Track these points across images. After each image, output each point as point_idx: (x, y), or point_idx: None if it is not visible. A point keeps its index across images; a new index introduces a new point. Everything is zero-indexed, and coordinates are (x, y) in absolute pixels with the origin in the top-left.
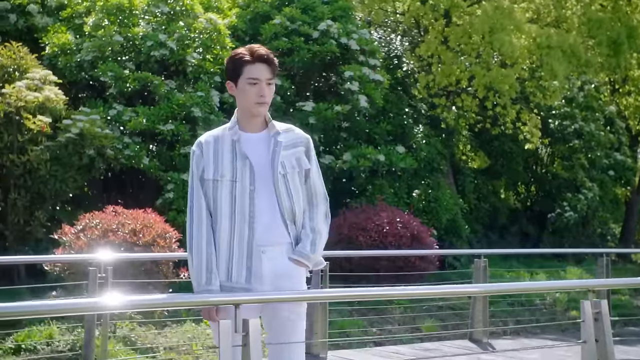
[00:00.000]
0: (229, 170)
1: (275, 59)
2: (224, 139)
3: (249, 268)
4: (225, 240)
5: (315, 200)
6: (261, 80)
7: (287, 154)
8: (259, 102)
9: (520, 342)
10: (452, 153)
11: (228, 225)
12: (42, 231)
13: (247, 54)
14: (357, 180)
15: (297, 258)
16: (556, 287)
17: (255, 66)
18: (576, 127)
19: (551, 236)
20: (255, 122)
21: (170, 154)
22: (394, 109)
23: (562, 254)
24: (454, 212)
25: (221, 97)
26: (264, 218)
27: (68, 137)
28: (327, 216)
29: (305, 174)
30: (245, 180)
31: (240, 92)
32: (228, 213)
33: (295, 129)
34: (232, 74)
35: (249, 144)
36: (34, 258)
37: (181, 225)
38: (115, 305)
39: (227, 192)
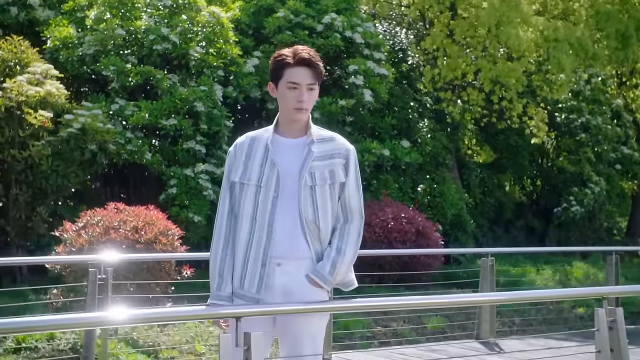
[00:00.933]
0: (256, 174)
1: (320, 63)
2: (259, 142)
3: (261, 277)
4: (243, 245)
5: (349, 216)
6: (301, 85)
7: (320, 164)
8: (298, 108)
9: (528, 343)
10: (457, 147)
11: (247, 230)
12: (44, 227)
13: (289, 55)
14: (361, 175)
15: (314, 277)
16: (569, 295)
17: (297, 70)
18: (583, 121)
19: (557, 230)
20: (295, 127)
21: (173, 149)
22: (399, 103)
23: (570, 253)
24: (459, 206)
25: (224, 92)
26: (284, 229)
27: (70, 132)
28: (359, 235)
29: (340, 188)
30: (271, 186)
31: (280, 95)
32: (249, 217)
33: (338, 138)
34: (273, 76)
35: (282, 149)
36: (33, 259)
37: (184, 221)
38: (120, 319)
39: (251, 196)
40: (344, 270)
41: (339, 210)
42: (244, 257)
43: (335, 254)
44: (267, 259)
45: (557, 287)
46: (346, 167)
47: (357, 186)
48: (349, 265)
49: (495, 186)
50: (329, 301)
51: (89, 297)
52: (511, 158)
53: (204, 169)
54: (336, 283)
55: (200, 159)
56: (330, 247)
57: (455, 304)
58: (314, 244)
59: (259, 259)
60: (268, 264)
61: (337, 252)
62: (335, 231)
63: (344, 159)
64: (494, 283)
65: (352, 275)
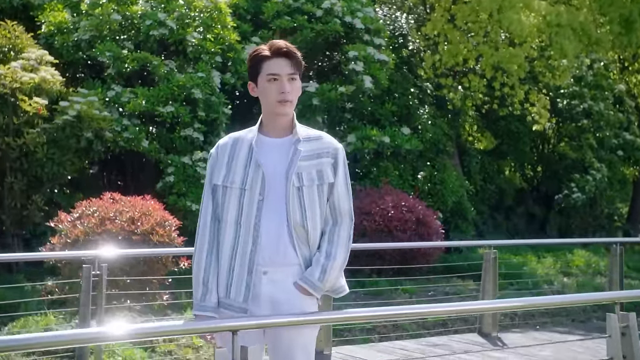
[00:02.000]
0: (240, 177)
1: (297, 53)
2: (242, 142)
3: (248, 286)
4: (227, 252)
5: (338, 218)
6: (282, 75)
7: (308, 164)
8: (281, 100)
9: (531, 337)
10: (458, 134)
11: (232, 235)
12: (40, 215)
13: (265, 48)
14: (361, 162)
15: (302, 285)
16: (580, 301)
17: (274, 61)
18: (585, 107)
19: (558, 217)
20: (279, 126)
21: (171, 136)
22: (399, 89)
23: (570, 235)
24: (459, 194)
25: (222, 78)
26: (270, 233)
27: (65, 119)
28: (349, 238)
29: (329, 189)
30: (256, 189)
31: (262, 91)
32: (233, 222)
33: (325, 136)
34: (251, 73)
35: (267, 150)
36: (26, 256)
37: (182, 209)
38: (119, 335)
39: (235, 200)
40: (334, 276)
41: (327, 213)
42: (229, 265)
43: (324, 259)
44: (253, 266)
45: (558, 276)
46: (335, 166)
47: (347, 187)
48: (339, 270)
49: (496, 173)
50: (325, 312)
51: (82, 294)
52: (512, 144)
53: (201, 157)
54: (326, 290)
55: (198, 146)
56: (319, 251)
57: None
58: (301, 249)
59: (245, 267)
60: (255, 271)
61: (327, 257)
62: (324, 235)
63: (333, 158)
64: (496, 276)
65: (342, 281)
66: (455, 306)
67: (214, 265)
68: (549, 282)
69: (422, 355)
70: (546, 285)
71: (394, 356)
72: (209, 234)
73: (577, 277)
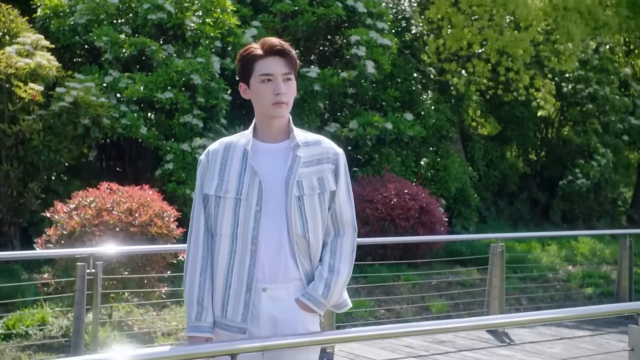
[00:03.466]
0: (235, 186)
1: (292, 51)
2: (235, 148)
3: (246, 304)
4: (223, 267)
5: (340, 229)
6: (276, 75)
7: (308, 171)
8: (277, 102)
9: (538, 332)
10: (461, 119)
11: (227, 249)
12: (37, 203)
13: (257, 47)
14: (363, 148)
15: (305, 302)
16: (598, 313)
17: (268, 60)
18: (590, 91)
19: (561, 202)
20: (275, 130)
21: (169, 122)
22: (402, 74)
23: (574, 221)
24: (463, 180)
25: (222, 63)
26: (269, 246)
27: (62, 106)
28: (353, 250)
29: (330, 197)
30: (252, 199)
31: (255, 93)
32: (229, 235)
33: (325, 141)
34: (243, 74)
35: (263, 156)
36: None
37: (181, 197)
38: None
39: (230, 211)
40: (338, 292)
41: (329, 223)
42: (226, 282)
43: (328, 273)
44: (252, 282)
45: (563, 264)
46: (336, 173)
47: (349, 195)
48: (343, 285)
49: (499, 158)
50: (330, 332)
51: (77, 293)
52: (516, 129)
53: (201, 144)
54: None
55: (197, 133)
56: (322, 265)
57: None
58: (303, 262)
59: (243, 283)
60: (253, 288)
61: (330, 272)
62: (325, 246)
63: (333, 164)
64: (503, 269)
65: (345, 295)
66: (470, 322)
67: (208, 283)
68: (553, 270)
69: (427, 352)
70: (551, 274)
71: (398, 354)
72: (202, 248)
73: (582, 265)
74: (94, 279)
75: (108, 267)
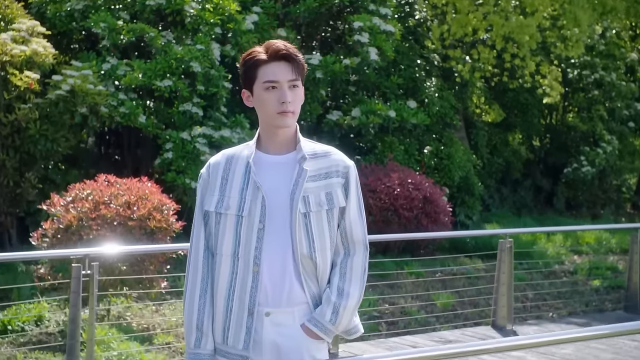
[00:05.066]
0: (236, 202)
1: (299, 55)
2: (238, 161)
3: (248, 330)
4: (224, 290)
5: (351, 248)
6: (281, 82)
7: (315, 186)
8: (282, 112)
9: (547, 329)
10: (465, 106)
11: (228, 270)
12: (34, 193)
13: (261, 51)
14: (365, 137)
15: (311, 328)
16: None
17: (272, 66)
18: (596, 77)
19: (565, 190)
20: (280, 141)
21: (169, 111)
22: (405, 61)
23: (578, 208)
24: (467, 169)
25: (222, 50)
26: (273, 267)
27: (58, 94)
28: (365, 272)
29: (339, 214)
30: (255, 215)
31: (258, 101)
32: (230, 255)
33: (334, 153)
34: (246, 81)
35: (266, 169)
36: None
37: (180, 187)
38: None
39: (231, 228)
40: (348, 318)
41: (338, 241)
42: (226, 305)
43: (337, 297)
44: (254, 306)
45: (569, 255)
46: (346, 188)
47: (360, 211)
48: (354, 310)
49: (503, 145)
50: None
51: (72, 295)
52: (520, 116)
53: (201, 132)
54: (339, 332)
55: (197, 121)
56: (330, 288)
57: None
58: (309, 285)
59: (245, 307)
60: (256, 313)
61: (340, 295)
62: (334, 267)
63: (343, 178)
64: (511, 266)
65: (356, 320)
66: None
67: (208, 306)
68: (560, 262)
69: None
70: (557, 265)
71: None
72: (202, 269)
73: (588, 255)
74: (90, 280)
75: (105, 263)
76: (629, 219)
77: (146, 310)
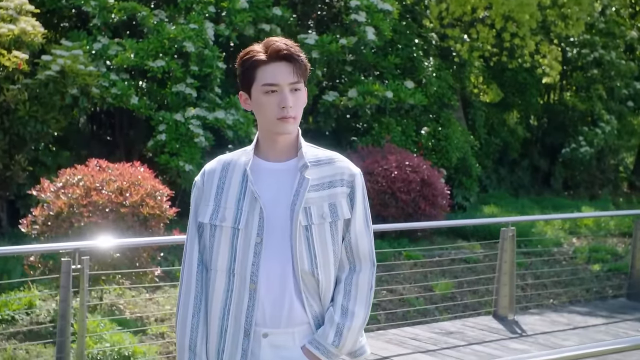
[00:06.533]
0: (233, 213)
1: (302, 54)
2: (235, 168)
3: (244, 352)
4: (218, 308)
5: (357, 263)
6: (282, 85)
7: (317, 196)
8: (282, 117)
9: (550, 320)
10: (462, 86)
11: (223, 287)
12: (24, 176)
13: (260, 50)
14: (362, 118)
15: (312, 350)
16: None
17: (272, 67)
18: (595, 56)
19: (563, 169)
20: (280, 147)
21: (162, 92)
22: (403, 40)
23: (576, 189)
24: (464, 150)
25: (216, 30)
26: (271, 284)
27: (48, 75)
28: (371, 289)
29: (344, 226)
30: (252, 228)
31: (257, 105)
32: (225, 271)
33: (339, 160)
34: (243, 82)
35: (265, 178)
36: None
37: (174, 169)
38: None
39: (227, 242)
40: (352, 339)
41: (342, 256)
42: (221, 325)
43: (340, 317)
44: (250, 326)
45: (568, 237)
46: (351, 198)
47: (366, 223)
48: (359, 331)
49: (501, 125)
50: None
51: (62, 290)
52: (519, 96)
53: (195, 114)
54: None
55: (190, 103)
56: (334, 307)
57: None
58: (311, 303)
59: (241, 328)
60: (253, 333)
61: (343, 315)
62: (338, 284)
63: (349, 188)
64: (514, 255)
65: (363, 340)
66: None
67: (202, 326)
68: (558, 244)
69: (436, 346)
70: (556, 249)
71: (405, 347)
72: (196, 286)
73: (586, 237)
74: (80, 275)
75: (97, 251)
76: (626, 199)
77: (139, 298)
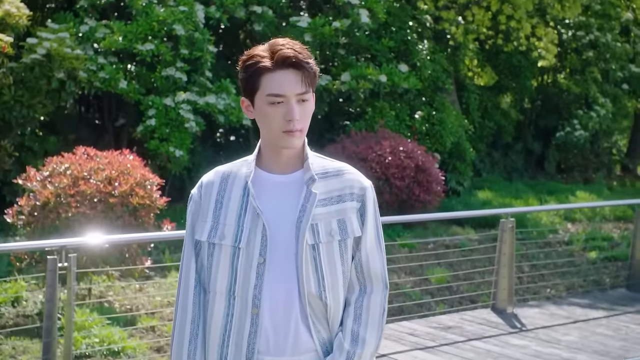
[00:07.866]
0: (233, 230)
1: (311, 61)
2: (235, 181)
3: None
4: (217, 334)
5: (368, 285)
6: (288, 96)
7: (325, 212)
8: (288, 131)
9: (550, 313)
10: (457, 69)
11: (223, 312)
12: (10, 162)
13: (265, 55)
14: (355, 102)
15: None
16: None
17: (279, 75)
18: (591, 38)
19: (557, 153)
20: (285, 159)
21: (151, 76)
22: (397, 23)
23: (570, 172)
24: (458, 134)
25: (206, 12)
26: (275, 308)
27: (34, 58)
28: (384, 312)
29: (354, 244)
30: (254, 247)
31: (260, 115)
32: (224, 294)
33: (349, 171)
34: (246, 88)
35: (268, 192)
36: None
37: (164, 155)
38: None
39: (226, 262)
40: None
41: (352, 277)
42: (220, 352)
43: (350, 344)
44: (252, 355)
45: (563, 223)
46: (362, 213)
47: (378, 241)
48: (370, 358)
49: (495, 108)
50: None
51: (48, 290)
52: (513, 79)
53: (185, 98)
54: None
55: (180, 87)
56: (343, 332)
57: None
58: (318, 329)
59: (242, 356)
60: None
61: (354, 342)
62: (348, 307)
63: (359, 202)
64: (513, 247)
65: None
66: None
67: (199, 353)
68: (554, 231)
69: (434, 342)
70: (551, 235)
71: (403, 344)
72: (192, 309)
73: (582, 223)
74: (68, 272)
75: (86, 246)
76: (619, 182)
77: (129, 289)
